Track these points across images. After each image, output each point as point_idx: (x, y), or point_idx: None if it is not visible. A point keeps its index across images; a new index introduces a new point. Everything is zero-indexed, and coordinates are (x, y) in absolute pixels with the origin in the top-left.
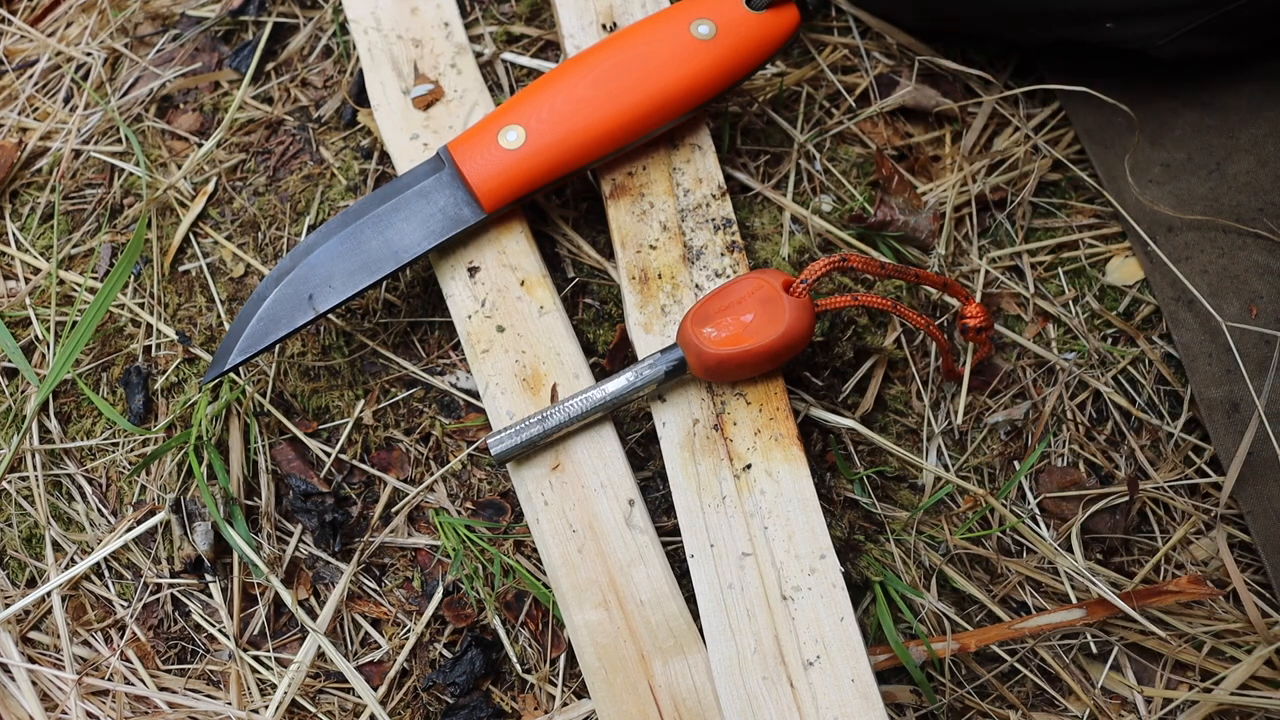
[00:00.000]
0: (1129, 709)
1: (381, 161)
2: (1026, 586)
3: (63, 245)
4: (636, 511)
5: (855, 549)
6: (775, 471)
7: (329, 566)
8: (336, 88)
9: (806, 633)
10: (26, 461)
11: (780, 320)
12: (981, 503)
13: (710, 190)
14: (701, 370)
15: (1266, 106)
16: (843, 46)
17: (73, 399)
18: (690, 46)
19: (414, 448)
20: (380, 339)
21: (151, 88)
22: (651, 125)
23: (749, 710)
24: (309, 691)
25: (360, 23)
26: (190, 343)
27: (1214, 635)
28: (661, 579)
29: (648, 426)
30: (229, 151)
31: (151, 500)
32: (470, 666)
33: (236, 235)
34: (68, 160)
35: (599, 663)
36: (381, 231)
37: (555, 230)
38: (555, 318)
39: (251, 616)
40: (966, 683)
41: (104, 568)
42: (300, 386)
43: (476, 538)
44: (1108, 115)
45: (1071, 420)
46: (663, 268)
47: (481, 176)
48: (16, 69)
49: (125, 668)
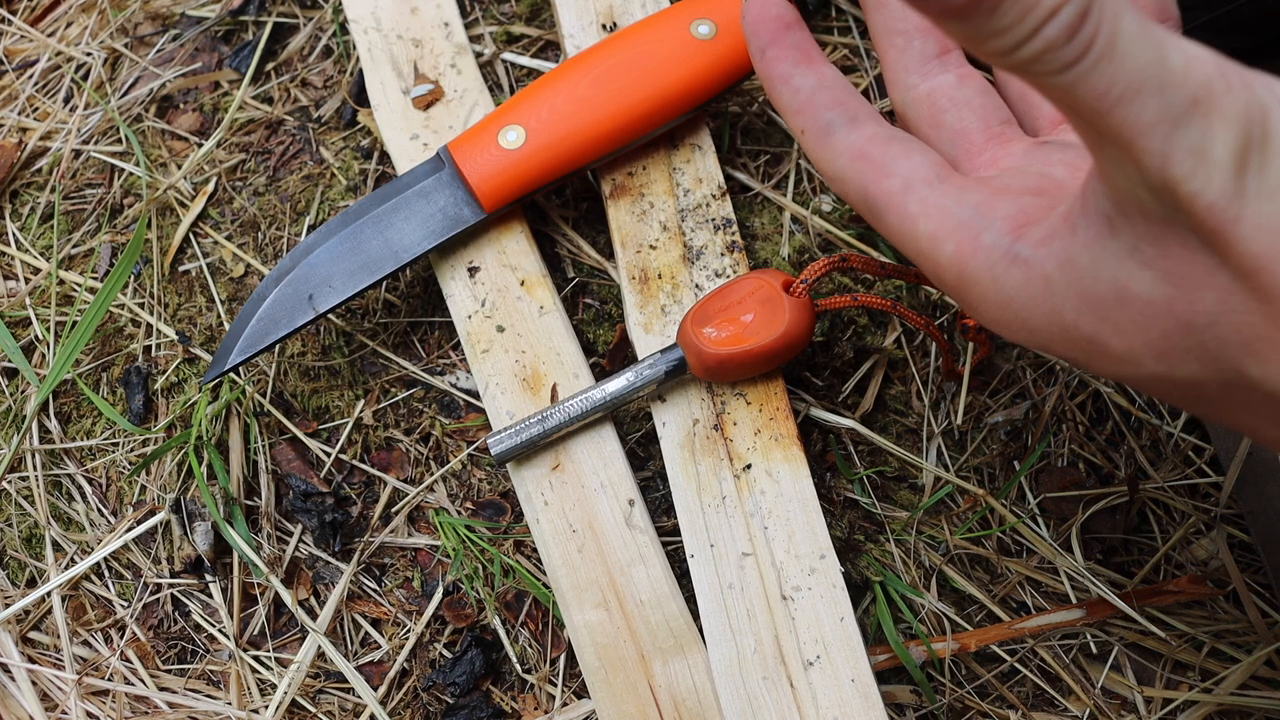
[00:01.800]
0: (1129, 709)
1: (381, 161)
2: (1026, 586)
3: (63, 245)
4: (636, 511)
5: (855, 549)
6: (775, 471)
7: (329, 566)
8: (336, 88)
9: (806, 633)
10: (26, 461)
11: (780, 320)
12: (981, 503)
13: (710, 190)
14: (701, 370)
15: None
16: (843, 46)
17: (73, 399)
18: (690, 46)
19: (414, 448)
20: (380, 339)
21: (151, 88)
22: (651, 125)
23: (749, 710)
24: (309, 691)
25: (360, 23)
26: (190, 343)
27: (1214, 635)
28: (661, 579)
29: (648, 426)
30: (229, 151)
31: (151, 500)
32: (470, 666)
33: (236, 235)
34: (68, 160)
35: (599, 663)
36: (381, 231)
37: (555, 230)
38: (555, 318)
39: (251, 616)
40: (966, 683)
41: (104, 568)
42: (300, 386)
43: (476, 538)
44: None
45: (1071, 420)
46: (663, 268)
47: (481, 176)
48: (16, 69)
49: (125, 668)
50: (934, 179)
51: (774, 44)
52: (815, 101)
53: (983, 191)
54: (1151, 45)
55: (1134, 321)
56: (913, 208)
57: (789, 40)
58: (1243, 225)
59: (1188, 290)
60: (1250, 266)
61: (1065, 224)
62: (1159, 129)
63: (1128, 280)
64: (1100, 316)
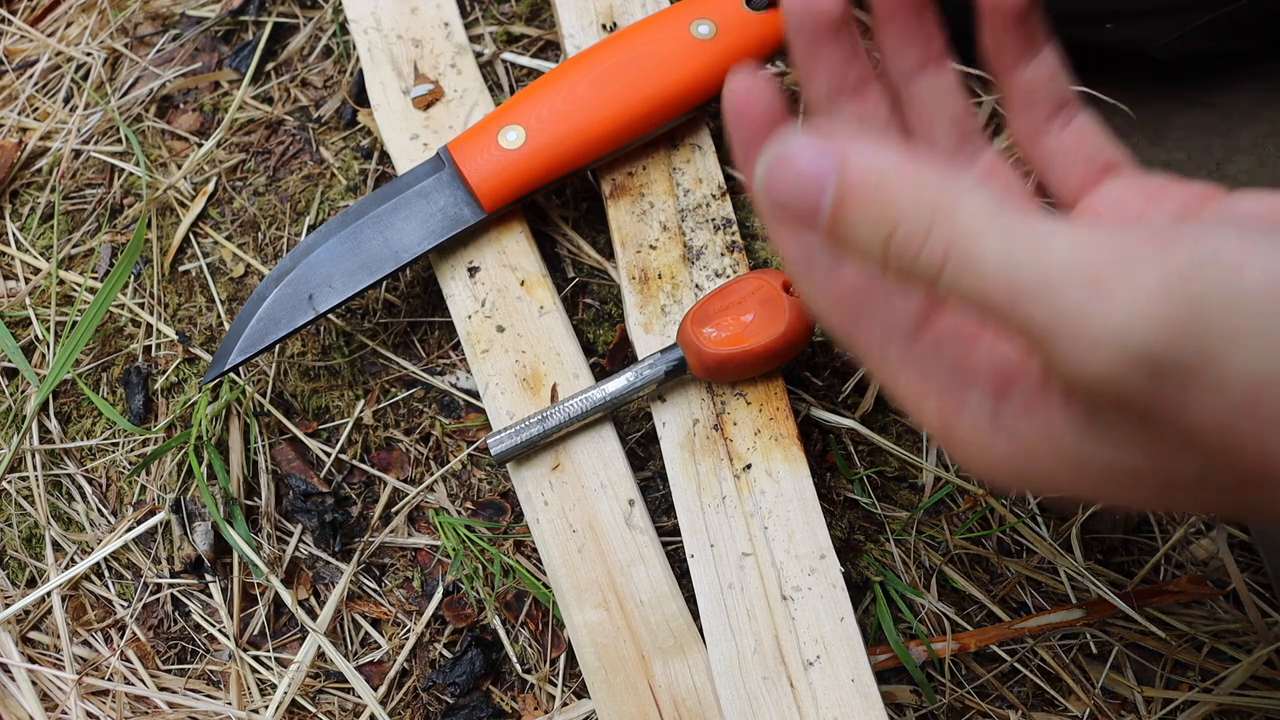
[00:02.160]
0: (1129, 709)
1: (381, 161)
2: (1026, 586)
3: (63, 245)
4: (636, 511)
5: (855, 549)
6: (775, 471)
7: (329, 566)
8: (336, 88)
9: (806, 633)
10: (26, 461)
11: (780, 320)
12: (981, 503)
13: (710, 190)
14: (701, 370)
15: (1266, 106)
16: None
17: (73, 399)
18: (690, 46)
19: (414, 448)
20: (380, 339)
21: (151, 88)
22: (651, 125)
23: (749, 710)
24: (309, 691)
25: (360, 23)
26: (190, 343)
27: (1214, 635)
28: (661, 579)
29: (648, 426)
30: (229, 151)
31: (151, 500)
32: (470, 666)
33: (236, 235)
34: (68, 160)
35: (599, 663)
36: (381, 231)
37: (555, 230)
38: (555, 318)
39: (251, 616)
40: (966, 683)
41: (104, 568)
42: (300, 386)
43: (476, 538)
44: (1107, 115)
45: None
46: (663, 268)
47: (481, 176)
48: (16, 69)
49: (125, 668)
50: (910, 334)
51: (755, 148)
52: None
53: (960, 345)
54: (1028, 244)
55: (1128, 484)
56: (892, 366)
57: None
58: (1189, 409)
59: (1168, 461)
60: (1215, 440)
61: (1042, 394)
62: (1060, 328)
63: (1110, 457)
64: (1094, 482)
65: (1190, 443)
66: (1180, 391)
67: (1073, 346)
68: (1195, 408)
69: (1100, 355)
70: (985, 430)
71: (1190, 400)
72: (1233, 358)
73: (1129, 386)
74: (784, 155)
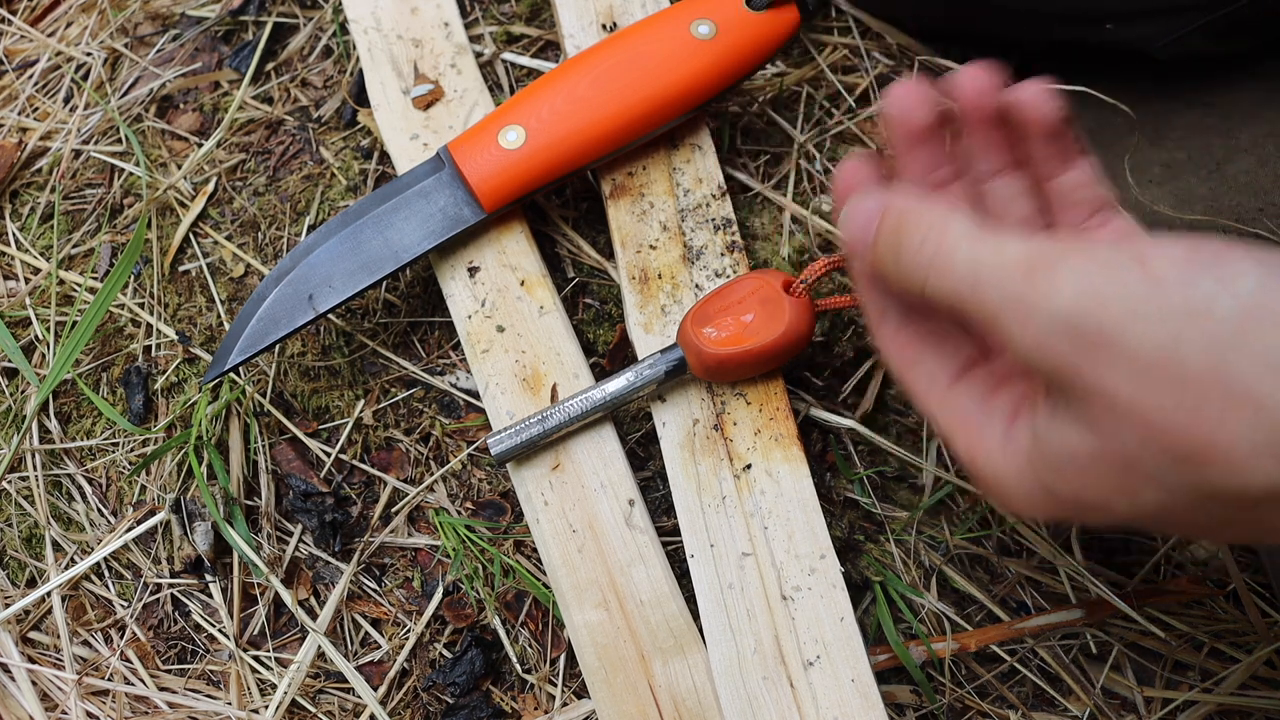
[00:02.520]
0: (1129, 709)
1: (381, 161)
2: (1026, 586)
3: (63, 245)
4: (636, 511)
5: (855, 549)
6: (775, 471)
7: (329, 566)
8: (336, 88)
9: (806, 633)
10: (26, 461)
11: (780, 320)
12: (981, 503)
13: (710, 190)
14: (701, 370)
15: (1266, 106)
16: (843, 46)
17: (73, 399)
18: (690, 46)
19: (414, 448)
20: (380, 339)
21: (151, 88)
22: (651, 125)
23: (749, 710)
24: (309, 691)
25: (360, 23)
26: (190, 343)
27: (1214, 635)
28: (661, 579)
29: (648, 426)
30: (229, 151)
31: (151, 500)
32: (470, 666)
33: (236, 235)
34: (68, 160)
35: (599, 663)
36: (381, 231)
37: (555, 230)
38: (555, 318)
39: (251, 616)
40: (966, 683)
41: (104, 568)
42: (300, 386)
43: (476, 538)
44: (1107, 115)
45: None
46: (663, 268)
47: (481, 176)
48: (16, 69)
49: (125, 668)
50: (952, 378)
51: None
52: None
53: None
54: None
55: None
56: (932, 406)
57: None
58: (1105, 377)
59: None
60: (1128, 407)
61: (1028, 400)
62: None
63: (1073, 441)
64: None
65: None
66: (1094, 354)
67: (1014, 320)
68: (1108, 374)
69: (1033, 323)
70: (997, 451)
71: (1102, 367)
72: (1127, 333)
73: (1058, 351)
74: (853, 207)
